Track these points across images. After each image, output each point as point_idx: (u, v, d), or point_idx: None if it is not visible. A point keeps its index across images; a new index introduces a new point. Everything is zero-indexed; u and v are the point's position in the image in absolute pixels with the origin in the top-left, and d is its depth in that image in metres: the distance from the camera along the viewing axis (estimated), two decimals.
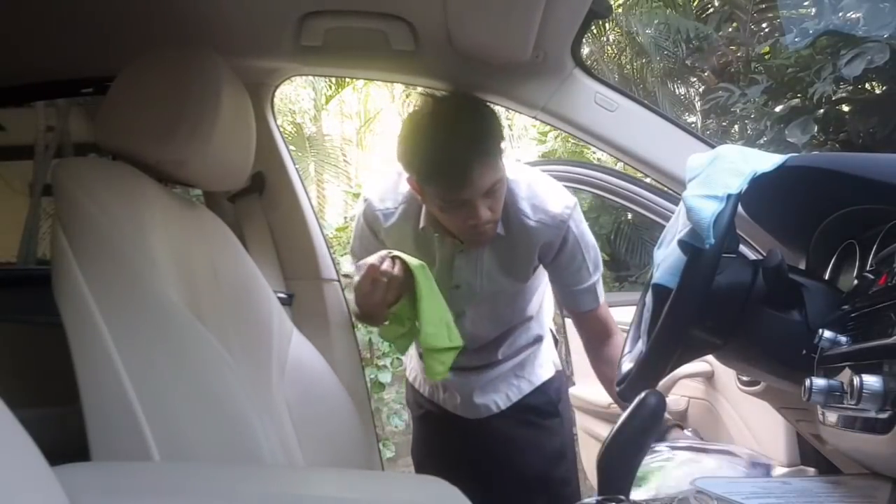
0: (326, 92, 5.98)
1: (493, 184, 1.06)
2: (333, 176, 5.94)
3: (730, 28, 5.16)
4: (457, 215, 1.10)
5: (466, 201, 1.07)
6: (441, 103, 1.08)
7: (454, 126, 1.05)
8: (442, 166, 1.05)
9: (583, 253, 1.19)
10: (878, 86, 4.07)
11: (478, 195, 1.06)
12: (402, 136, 1.10)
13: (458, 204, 1.08)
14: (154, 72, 0.98)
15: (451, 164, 1.04)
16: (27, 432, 0.48)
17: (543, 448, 1.37)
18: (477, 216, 1.07)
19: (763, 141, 4.23)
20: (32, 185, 1.73)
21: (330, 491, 0.74)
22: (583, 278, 1.21)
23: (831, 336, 0.72)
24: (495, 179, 1.06)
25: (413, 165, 1.08)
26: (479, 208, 1.07)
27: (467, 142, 1.03)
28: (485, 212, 1.07)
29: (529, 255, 1.20)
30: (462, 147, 1.03)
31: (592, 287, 1.22)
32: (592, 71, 1.33)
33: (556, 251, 1.18)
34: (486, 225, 1.10)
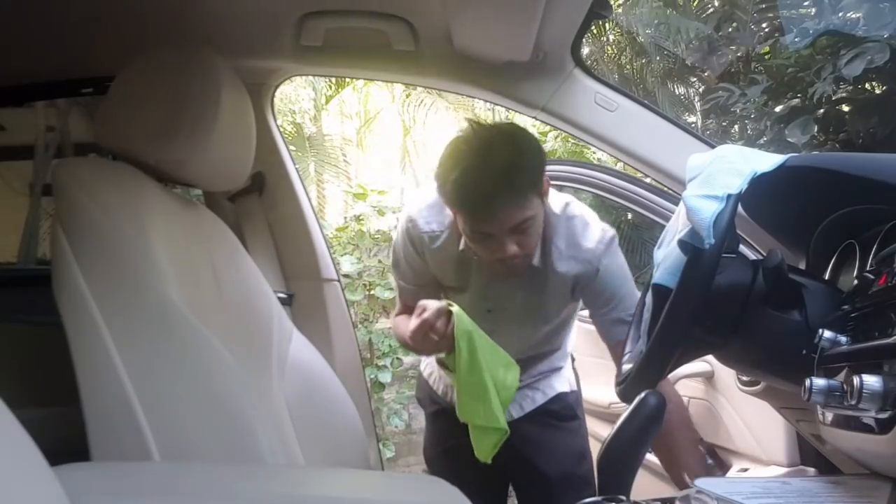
0: (326, 92, 5.97)
1: (521, 221, 1.04)
2: (333, 176, 5.94)
3: (730, 28, 5.16)
4: (483, 246, 1.09)
5: (491, 234, 1.06)
6: (481, 131, 1.06)
7: (486, 157, 1.02)
8: (466, 196, 1.04)
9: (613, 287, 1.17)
10: (879, 86, 4.07)
11: (503, 230, 1.04)
12: (440, 162, 1.08)
13: (484, 236, 1.07)
14: (154, 72, 0.98)
15: (475, 196, 1.02)
16: (27, 432, 0.48)
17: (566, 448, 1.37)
18: (503, 250, 1.06)
19: (763, 141, 4.22)
20: (32, 185, 1.73)
21: (330, 491, 0.74)
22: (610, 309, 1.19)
23: (831, 336, 0.72)
24: (524, 217, 1.04)
25: (443, 190, 1.07)
26: (506, 243, 1.05)
27: (495, 175, 1.01)
28: (511, 247, 1.06)
29: (563, 291, 1.20)
30: (488, 180, 1.01)
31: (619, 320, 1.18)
32: (592, 71, 1.33)
33: (586, 283, 1.18)
34: (513, 259, 1.08)
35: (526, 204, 1.04)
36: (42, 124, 1.64)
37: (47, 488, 0.49)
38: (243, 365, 0.95)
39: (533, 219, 1.06)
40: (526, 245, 1.08)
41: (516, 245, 1.06)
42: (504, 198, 1.01)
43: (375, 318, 3.57)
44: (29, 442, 0.48)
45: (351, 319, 1.56)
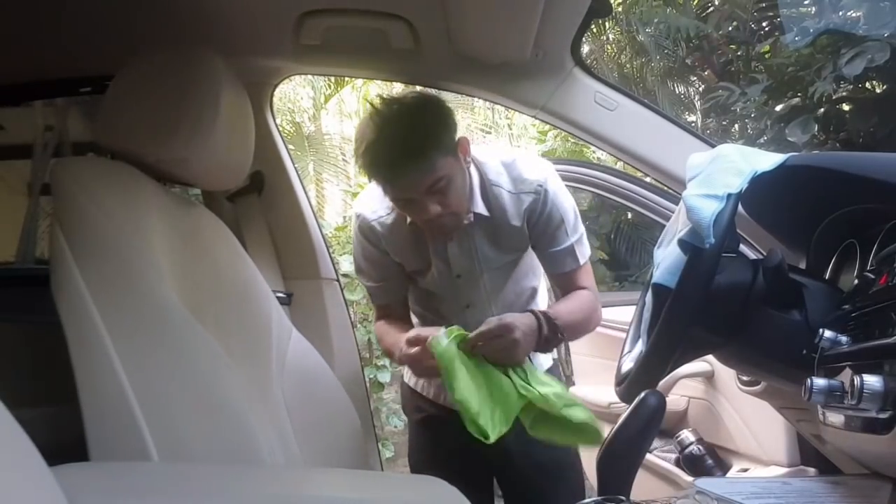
0: (326, 91, 5.97)
1: (433, 182, 1.07)
2: (332, 175, 5.93)
3: (730, 27, 5.16)
4: (409, 211, 1.13)
5: (411, 199, 1.10)
6: (381, 106, 1.10)
7: (386, 128, 1.07)
8: (376, 168, 1.09)
9: (561, 214, 1.21)
10: (879, 85, 4.07)
11: (419, 192, 1.08)
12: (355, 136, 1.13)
13: (405, 202, 1.11)
14: (153, 71, 0.97)
15: (383, 166, 1.08)
16: (25, 432, 0.48)
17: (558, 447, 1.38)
18: (426, 211, 1.09)
19: (763, 140, 4.23)
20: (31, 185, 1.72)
21: (329, 491, 0.74)
22: (561, 239, 1.22)
23: (832, 336, 0.72)
24: (436, 178, 1.07)
25: (360, 165, 1.12)
26: (427, 205, 1.09)
27: (396, 143, 1.06)
28: (433, 207, 1.09)
29: (520, 230, 1.22)
30: (390, 149, 1.06)
31: (571, 248, 1.23)
32: (592, 70, 1.33)
33: (538, 214, 1.20)
34: (441, 219, 1.11)
35: (433, 165, 1.07)
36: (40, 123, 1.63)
37: (45, 488, 0.49)
38: (242, 365, 0.95)
39: (447, 178, 1.09)
40: (448, 204, 1.11)
41: (438, 205, 1.09)
42: (408, 163, 1.05)
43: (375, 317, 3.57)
44: (27, 442, 0.48)
45: (350, 319, 1.55)
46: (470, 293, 1.27)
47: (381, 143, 1.07)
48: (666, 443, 1.62)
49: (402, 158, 1.06)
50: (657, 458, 1.62)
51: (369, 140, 1.08)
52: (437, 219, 1.11)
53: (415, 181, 1.07)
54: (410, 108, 1.10)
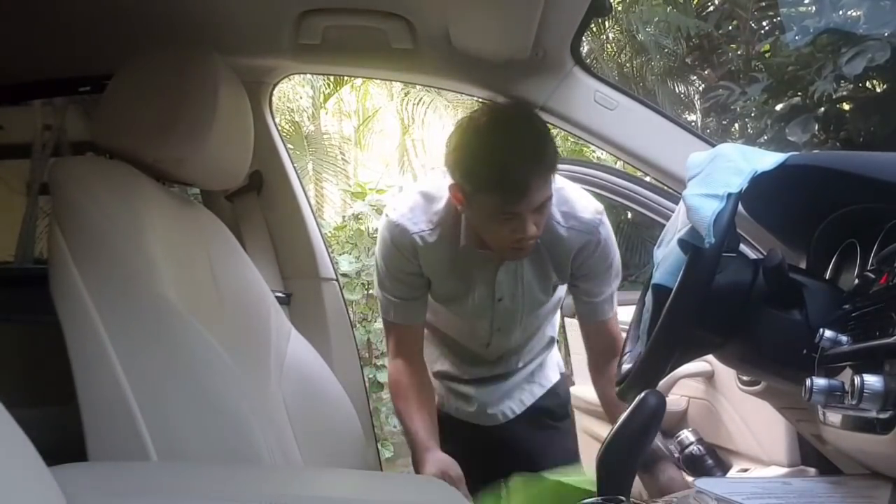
0: (325, 90, 5.97)
1: (545, 199, 1.05)
2: (332, 175, 5.93)
3: (730, 26, 5.16)
4: (504, 228, 1.07)
5: (517, 214, 1.04)
6: (500, 112, 1.06)
7: (516, 136, 1.02)
8: (503, 176, 1.01)
9: (610, 259, 1.19)
10: (879, 84, 4.07)
11: (530, 209, 1.04)
12: (458, 144, 1.06)
13: (509, 217, 1.05)
14: (152, 70, 0.97)
15: (513, 175, 1.00)
16: (24, 432, 0.48)
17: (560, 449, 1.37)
18: (524, 230, 1.05)
19: (763, 139, 4.22)
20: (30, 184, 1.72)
21: (328, 491, 0.74)
22: (605, 286, 1.20)
23: (832, 336, 0.71)
24: (548, 195, 1.05)
25: (470, 174, 1.04)
26: (528, 222, 1.04)
27: (530, 154, 1.01)
28: (531, 227, 1.05)
29: (565, 263, 1.19)
30: (524, 158, 1.00)
31: (611, 296, 1.22)
32: (592, 69, 1.32)
33: (586, 256, 1.18)
34: (530, 240, 1.08)
35: (549, 182, 1.04)
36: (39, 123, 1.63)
37: (44, 488, 0.49)
38: (241, 364, 0.95)
39: (550, 198, 1.07)
40: (541, 225, 1.08)
41: (535, 225, 1.05)
42: (538, 175, 1.01)
43: (374, 317, 3.57)
44: (26, 442, 0.48)
45: (349, 319, 1.55)
46: (504, 318, 1.25)
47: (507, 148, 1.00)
48: (666, 443, 1.62)
49: (532, 169, 1.00)
50: None
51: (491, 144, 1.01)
52: (527, 241, 1.07)
53: (535, 195, 1.02)
54: (529, 117, 1.07)
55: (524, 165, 1.00)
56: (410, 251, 1.17)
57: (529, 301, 1.24)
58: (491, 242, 1.12)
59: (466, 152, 1.04)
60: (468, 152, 1.04)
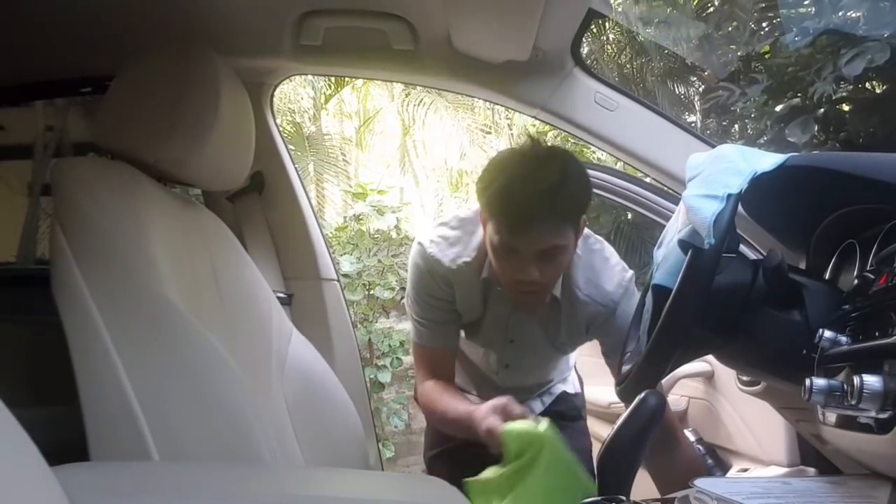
0: (326, 91, 5.97)
1: (550, 247, 1.02)
2: (333, 175, 5.93)
3: (730, 27, 5.15)
4: (508, 264, 1.06)
5: (518, 252, 1.03)
6: (537, 147, 1.05)
7: (535, 171, 1.01)
8: (507, 205, 1.01)
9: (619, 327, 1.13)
10: (879, 85, 4.07)
11: (531, 250, 1.02)
12: (488, 166, 1.07)
13: (511, 252, 1.04)
14: (153, 71, 0.97)
15: (515, 206, 1.00)
16: (26, 432, 0.48)
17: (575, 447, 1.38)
18: (525, 272, 1.03)
19: (763, 140, 4.22)
20: (31, 185, 1.72)
21: (330, 491, 0.74)
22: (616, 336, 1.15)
23: (831, 336, 0.72)
24: (554, 244, 1.02)
25: (483, 196, 1.05)
26: (530, 266, 1.02)
27: (545, 192, 0.99)
28: (534, 272, 1.02)
29: (578, 327, 1.18)
30: (532, 194, 0.99)
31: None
32: (592, 70, 1.33)
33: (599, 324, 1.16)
34: (532, 286, 1.05)
35: (560, 230, 1.01)
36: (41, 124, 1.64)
37: (46, 488, 0.49)
38: (242, 365, 0.95)
39: (563, 249, 1.03)
40: (549, 275, 1.05)
41: (539, 272, 1.03)
42: (542, 215, 0.99)
43: (375, 317, 3.57)
44: (28, 442, 0.48)
45: (350, 319, 1.55)
46: (514, 357, 1.25)
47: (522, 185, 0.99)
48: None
49: (538, 210, 0.98)
50: None
51: (512, 174, 1.01)
52: (529, 285, 1.05)
53: (537, 237, 1.00)
54: (562, 161, 1.04)
55: (534, 201, 0.98)
56: (440, 279, 1.16)
57: (542, 350, 1.25)
58: (500, 278, 1.10)
59: (489, 178, 1.04)
60: (491, 178, 1.03)
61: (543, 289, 1.08)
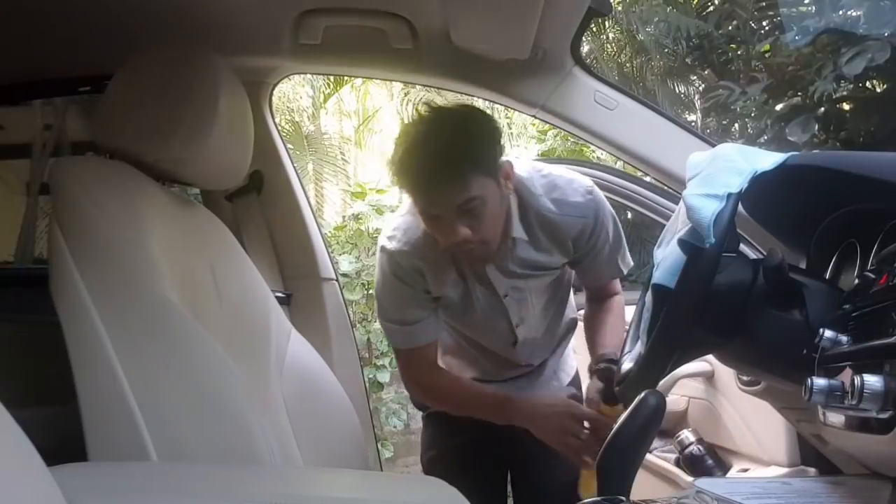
0: (325, 90, 5.96)
1: (465, 201, 1.01)
2: (332, 175, 5.93)
3: (730, 26, 5.15)
4: (436, 229, 1.06)
5: (439, 217, 1.04)
6: (427, 114, 1.05)
7: (426, 136, 1.01)
8: (408, 176, 1.03)
9: (608, 231, 1.19)
10: (879, 84, 4.07)
11: (448, 210, 1.02)
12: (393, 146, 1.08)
13: (433, 218, 1.05)
14: (152, 70, 0.97)
15: (415, 174, 1.02)
16: (24, 432, 0.48)
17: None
18: (454, 233, 1.03)
19: (763, 139, 4.22)
20: (29, 184, 1.72)
21: (329, 491, 0.74)
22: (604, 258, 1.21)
23: (832, 336, 0.71)
24: (467, 197, 1.01)
25: (391, 170, 1.06)
26: (455, 226, 1.02)
27: (432, 153, 0.99)
28: (462, 230, 1.02)
29: (565, 244, 1.18)
30: (426, 158, 1.00)
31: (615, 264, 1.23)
32: (592, 69, 1.33)
33: (586, 239, 1.17)
34: (469, 244, 1.04)
35: (468, 183, 1.00)
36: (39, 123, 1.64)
37: (44, 488, 0.49)
38: (241, 364, 0.95)
39: (481, 200, 1.02)
40: (479, 229, 1.04)
41: (468, 228, 1.02)
42: (440, 174, 0.99)
43: (374, 317, 3.56)
44: (26, 442, 0.48)
45: (349, 319, 1.55)
46: (520, 310, 1.23)
47: (416, 149, 1.01)
48: (666, 443, 1.62)
49: (436, 168, 0.99)
50: (657, 458, 1.62)
51: (406, 146, 1.02)
52: (463, 243, 1.04)
53: (445, 196, 1.01)
54: (456, 119, 1.05)
55: (428, 162, 0.99)
56: (413, 274, 1.15)
57: (537, 287, 1.22)
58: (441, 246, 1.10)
59: (392, 151, 1.05)
60: (393, 151, 1.05)
61: (483, 244, 1.07)
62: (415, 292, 1.17)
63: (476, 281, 1.19)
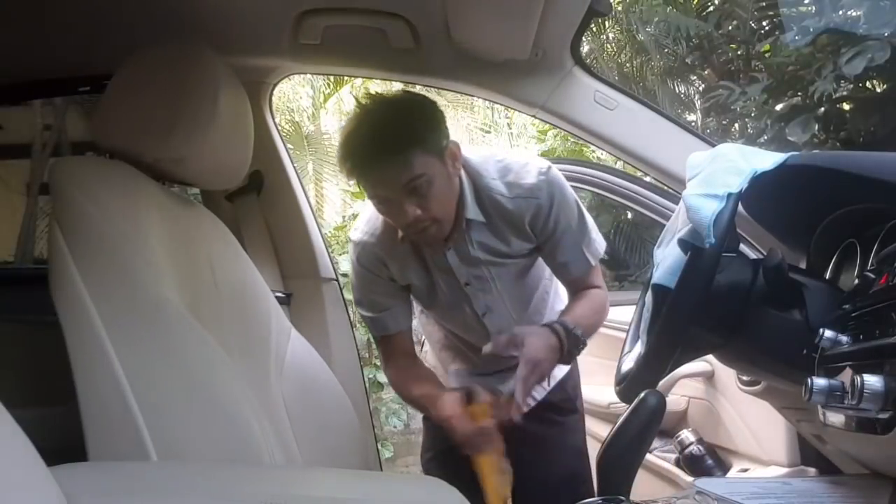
0: (325, 90, 5.96)
1: (409, 180, 1.02)
2: (332, 174, 5.92)
3: (730, 26, 5.16)
4: (388, 213, 1.09)
5: (388, 198, 1.06)
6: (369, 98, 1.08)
7: (365, 121, 1.05)
8: (351, 161, 1.05)
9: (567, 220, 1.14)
10: (879, 84, 4.07)
11: (395, 190, 1.03)
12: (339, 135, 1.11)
13: (380, 200, 1.07)
14: (152, 70, 0.97)
15: (357, 158, 1.04)
16: (24, 432, 0.48)
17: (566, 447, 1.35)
18: (404, 214, 1.04)
19: (763, 139, 4.23)
20: (29, 184, 1.73)
21: (329, 491, 0.74)
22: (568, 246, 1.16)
23: (832, 335, 0.72)
24: (412, 175, 1.02)
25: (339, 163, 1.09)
26: (403, 206, 1.04)
27: (372, 135, 1.02)
28: (412, 210, 1.04)
29: (522, 229, 1.16)
30: (367, 140, 1.03)
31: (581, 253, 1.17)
32: (592, 69, 1.32)
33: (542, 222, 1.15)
34: (421, 224, 1.06)
35: (410, 161, 1.02)
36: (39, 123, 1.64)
37: (44, 488, 0.49)
38: (241, 364, 0.95)
39: (427, 179, 1.03)
40: (428, 208, 1.05)
41: (417, 208, 1.04)
42: (383, 155, 1.02)
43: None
44: (26, 442, 0.48)
45: (349, 319, 1.55)
46: (485, 299, 1.22)
47: (359, 133, 1.03)
48: (666, 443, 1.62)
49: (378, 149, 1.02)
50: (657, 458, 1.62)
51: (349, 130, 1.05)
52: (415, 223, 1.06)
53: (390, 176, 1.03)
54: (394, 103, 1.08)
55: (368, 144, 1.02)
56: (377, 263, 1.19)
57: (500, 275, 1.21)
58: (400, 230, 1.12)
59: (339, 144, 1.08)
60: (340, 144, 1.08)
61: (436, 223, 1.08)
62: (381, 280, 1.20)
63: (438, 269, 1.20)
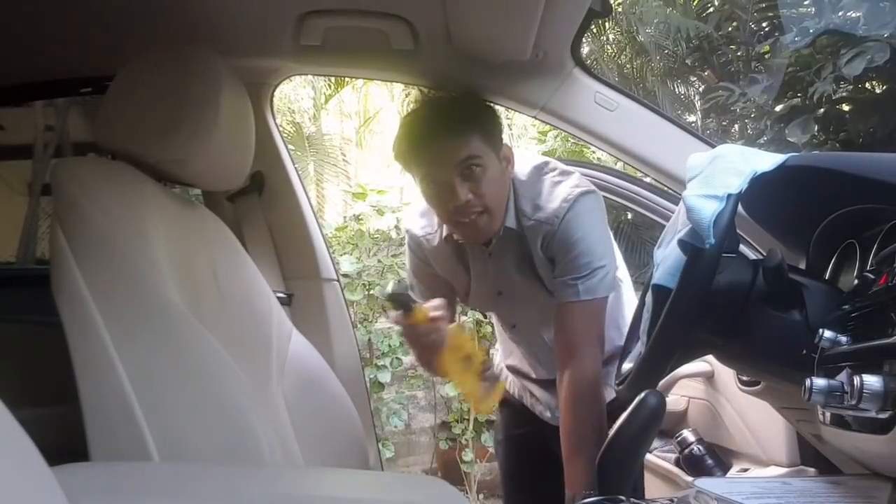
0: (326, 91, 5.96)
1: (463, 159, 1.06)
2: (333, 175, 5.93)
3: (730, 27, 5.16)
4: (435, 196, 1.11)
5: (438, 179, 1.08)
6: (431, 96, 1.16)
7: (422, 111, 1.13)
8: (408, 145, 1.10)
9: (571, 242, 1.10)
10: (879, 85, 4.07)
11: (448, 169, 1.07)
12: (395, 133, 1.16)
13: (431, 182, 1.10)
14: (153, 71, 0.97)
15: (415, 141, 1.10)
16: (26, 432, 0.48)
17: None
18: (453, 196, 1.07)
19: (763, 140, 4.23)
20: (31, 185, 1.73)
21: (330, 491, 0.74)
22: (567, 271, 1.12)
23: (831, 336, 0.72)
24: (467, 154, 1.06)
25: (394, 152, 1.13)
26: (454, 187, 1.06)
27: (430, 119, 1.10)
28: (464, 192, 1.06)
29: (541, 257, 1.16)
30: (424, 125, 1.10)
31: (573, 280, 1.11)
32: (592, 70, 1.33)
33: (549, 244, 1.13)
34: (469, 209, 1.08)
35: (468, 140, 1.07)
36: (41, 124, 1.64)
37: (46, 488, 0.49)
38: (242, 365, 0.95)
39: (482, 163, 1.07)
40: (480, 194, 1.08)
41: (470, 192, 1.07)
42: (443, 130, 1.08)
43: (375, 317, 3.57)
44: (27, 442, 0.48)
45: (350, 319, 1.55)
46: (513, 312, 1.25)
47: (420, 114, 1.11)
48: (666, 443, 1.62)
49: (439, 127, 1.08)
50: (657, 458, 1.62)
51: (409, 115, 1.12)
52: (466, 207, 1.07)
53: (447, 154, 1.07)
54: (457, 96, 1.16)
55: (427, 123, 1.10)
56: (422, 254, 1.26)
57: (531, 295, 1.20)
58: (441, 220, 1.17)
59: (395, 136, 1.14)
60: (396, 135, 1.13)
61: (486, 214, 1.10)
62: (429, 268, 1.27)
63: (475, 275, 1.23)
